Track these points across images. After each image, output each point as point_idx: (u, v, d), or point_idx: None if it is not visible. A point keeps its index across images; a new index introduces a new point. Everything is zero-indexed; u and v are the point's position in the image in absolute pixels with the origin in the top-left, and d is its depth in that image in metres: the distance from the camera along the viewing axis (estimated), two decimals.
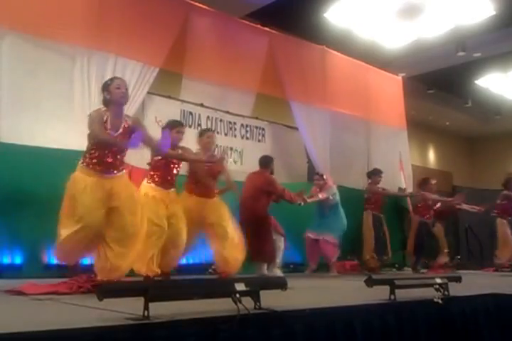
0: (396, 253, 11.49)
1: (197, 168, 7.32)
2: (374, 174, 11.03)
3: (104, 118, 5.40)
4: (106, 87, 5.58)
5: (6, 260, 7.26)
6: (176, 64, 9.55)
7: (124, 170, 5.69)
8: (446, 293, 4.47)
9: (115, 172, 5.50)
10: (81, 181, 5.36)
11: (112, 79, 5.73)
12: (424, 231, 11.13)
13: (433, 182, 11.60)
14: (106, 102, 5.54)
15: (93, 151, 5.42)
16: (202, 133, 7.82)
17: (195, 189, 7.36)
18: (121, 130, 5.45)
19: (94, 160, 5.41)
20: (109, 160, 5.43)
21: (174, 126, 7.01)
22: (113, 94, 5.48)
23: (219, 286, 3.50)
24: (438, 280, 4.54)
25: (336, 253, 9.77)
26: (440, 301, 4.28)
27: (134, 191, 5.72)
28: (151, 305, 3.02)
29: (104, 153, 5.40)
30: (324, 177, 10.14)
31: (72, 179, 5.42)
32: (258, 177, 8.73)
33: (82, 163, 5.48)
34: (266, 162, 8.89)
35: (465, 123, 21.81)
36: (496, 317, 4.77)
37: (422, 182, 11.62)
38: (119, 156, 5.51)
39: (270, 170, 8.89)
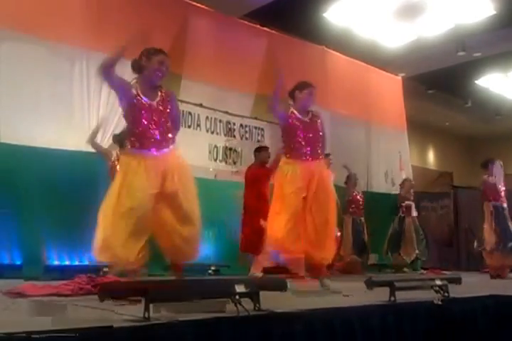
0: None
1: None
2: (350, 180, 11.00)
3: (134, 92, 4.85)
4: (147, 54, 4.99)
5: (6, 261, 7.27)
6: (175, 64, 9.51)
7: (174, 146, 5.17)
8: (446, 294, 4.46)
9: (165, 147, 5.01)
10: (130, 163, 4.85)
11: (158, 51, 5.05)
12: (502, 216, 9.61)
13: (497, 162, 9.86)
14: (138, 68, 5.00)
15: (132, 130, 4.92)
16: (302, 87, 6.45)
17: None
18: (158, 98, 4.95)
19: (139, 138, 4.88)
20: (155, 133, 4.91)
21: None
22: (151, 66, 4.93)
23: (219, 287, 3.49)
24: (438, 282, 4.53)
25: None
26: (440, 303, 4.27)
27: (189, 171, 5.22)
28: (151, 306, 3.02)
29: (144, 126, 4.87)
30: (331, 157, 9.73)
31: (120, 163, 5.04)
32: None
33: (129, 145, 5.00)
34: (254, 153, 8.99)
35: (465, 124, 21.80)
36: (495, 319, 4.76)
37: (486, 162, 9.96)
38: (164, 127, 5.00)
39: (259, 160, 8.88)
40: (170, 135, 5.10)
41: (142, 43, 5.20)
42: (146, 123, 4.87)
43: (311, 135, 6.20)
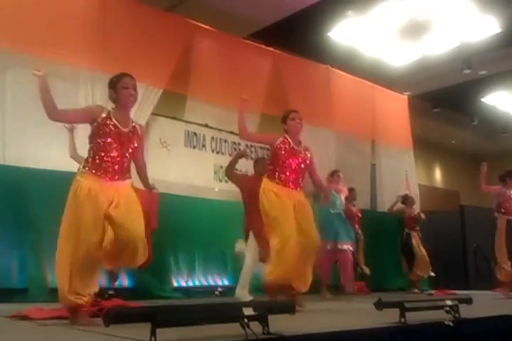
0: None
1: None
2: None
3: (104, 115, 4.80)
4: (112, 85, 4.94)
5: (11, 284, 7.20)
6: (180, 85, 9.56)
7: (129, 180, 4.97)
8: (457, 315, 4.39)
9: (120, 179, 4.83)
10: (82, 187, 4.66)
11: (119, 76, 4.98)
12: None
13: None
14: (112, 100, 4.97)
15: (94, 153, 4.79)
16: (285, 116, 6.57)
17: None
18: (131, 127, 4.91)
19: (98, 163, 4.75)
20: (114, 163, 4.78)
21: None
22: (119, 95, 4.90)
23: (227, 311, 3.44)
24: (448, 302, 4.47)
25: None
26: (451, 324, 4.20)
27: (137, 203, 4.91)
28: (158, 330, 2.97)
29: (108, 152, 4.76)
30: (340, 174, 9.80)
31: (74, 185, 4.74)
32: None
33: (84, 167, 4.78)
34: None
35: (471, 142, 21.79)
36: (508, 340, 4.70)
37: (504, 176, 9.82)
38: (125, 159, 4.87)
39: (257, 172, 8.60)
40: (127, 168, 4.95)
41: None
42: (110, 150, 4.77)
43: (298, 164, 6.34)
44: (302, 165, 6.38)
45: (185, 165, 9.60)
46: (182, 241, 8.81)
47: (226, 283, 9.32)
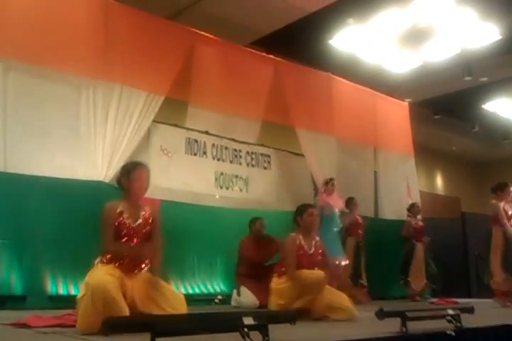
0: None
1: None
2: (349, 203, 10.74)
3: (119, 210, 4.76)
4: (126, 173, 4.90)
5: (10, 291, 7.18)
6: (182, 92, 9.54)
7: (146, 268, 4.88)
8: (458, 324, 4.36)
9: (136, 271, 4.77)
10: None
11: (135, 166, 5.01)
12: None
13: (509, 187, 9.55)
14: (122, 187, 4.92)
15: (107, 250, 4.72)
16: (301, 211, 6.43)
17: None
18: (140, 220, 4.85)
19: (111, 257, 4.69)
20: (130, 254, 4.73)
21: None
22: (132, 185, 4.84)
23: (227, 320, 3.42)
24: (450, 312, 4.44)
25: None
26: (453, 333, 4.17)
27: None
28: (157, 340, 2.95)
29: (122, 248, 4.74)
30: (334, 182, 9.84)
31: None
32: None
33: (100, 261, 4.71)
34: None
35: (472, 148, 21.80)
36: None
37: (496, 187, 9.62)
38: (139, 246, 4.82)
39: (253, 231, 8.82)
40: (143, 262, 4.88)
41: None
42: (124, 245, 4.74)
43: (312, 259, 6.19)
44: (314, 265, 6.18)
45: (186, 172, 9.58)
46: (182, 248, 8.77)
47: (226, 290, 9.30)
